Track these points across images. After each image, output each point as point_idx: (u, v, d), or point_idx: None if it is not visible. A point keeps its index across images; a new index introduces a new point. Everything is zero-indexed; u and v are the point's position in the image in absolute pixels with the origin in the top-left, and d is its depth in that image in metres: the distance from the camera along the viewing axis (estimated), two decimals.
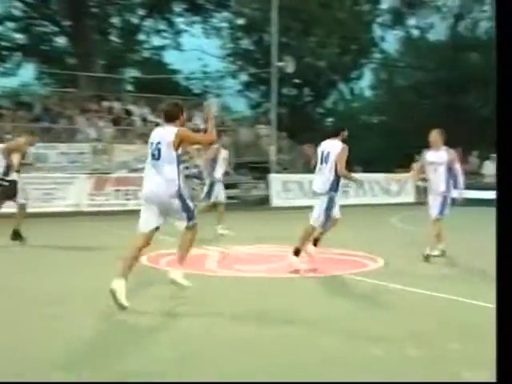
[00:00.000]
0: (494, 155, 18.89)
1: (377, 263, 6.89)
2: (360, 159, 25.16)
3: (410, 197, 18.91)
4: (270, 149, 18.47)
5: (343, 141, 6.63)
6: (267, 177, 17.16)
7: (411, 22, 31.20)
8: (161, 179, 4.80)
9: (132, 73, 28.57)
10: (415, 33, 31.86)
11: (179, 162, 4.88)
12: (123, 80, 26.81)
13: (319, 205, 6.52)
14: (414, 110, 32.55)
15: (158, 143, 4.83)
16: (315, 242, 6.77)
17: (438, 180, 7.32)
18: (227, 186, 11.11)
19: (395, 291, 5.49)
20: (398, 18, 30.73)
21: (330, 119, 36.69)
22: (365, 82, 36.78)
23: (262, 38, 27.33)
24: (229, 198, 11.34)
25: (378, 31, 30.39)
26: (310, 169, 14.08)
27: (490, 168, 18.52)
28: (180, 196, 4.86)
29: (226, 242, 8.80)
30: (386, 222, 11.96)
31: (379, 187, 18.28)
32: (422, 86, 32.49)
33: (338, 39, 25.38)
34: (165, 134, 4.87)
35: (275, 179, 17.08)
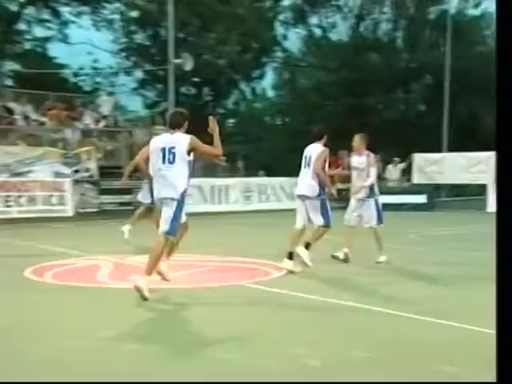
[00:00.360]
0: (397, 159, 20.12)
1: (280, 271, 7.05)
2: (263, 163, 25.76)
3: None
4: None
5: (325, 145, 7.20)
6: None
7: (313, 20, 32.48)
8: (174, 181, 5.56)
9: (12, 66, 27.25)
10: (317, 32, 33.16)
11: (190, 166, 5.77)
12: (1, 74, 25.52)
13: (313, 209, 7.08)
14: (318, 112, 33.82)
15: (173, 148, 5.59)
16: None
17: (361, 184, 7.81)
18: (121, 192, 10.94)
19: (297, 299, 5.64)
20: (300, 16, 31.83)
21: (232, 120, 37.16)
22: (267, 82, 37.67)
23: (158, 32, 27.19)
24: (123, 204, 11.20)
25: (279, 29, 31.34)
26: (211, 172, 14.20)
27: (392, 172, 19.67)
28: (179, 201, 5.60)
29: (122, 252, 8.72)
30: (290, 229, 12.24)
31: (283, 192, 18.81)
32: (325, 87, 33.84)
33: (238, 36, 25.80)
34: (178, 140, 5.64)
35: None
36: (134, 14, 27.67)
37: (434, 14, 32.29)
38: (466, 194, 23.18)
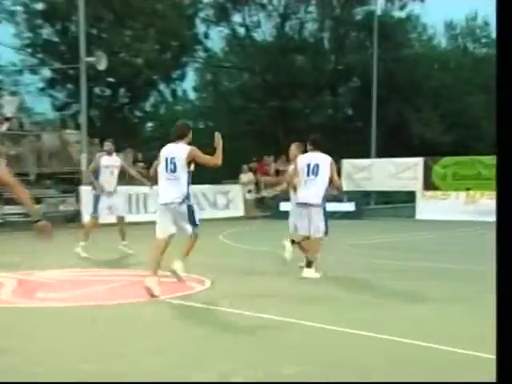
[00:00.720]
0: None
1: (204, 285, 7.08)
2: None
3: (239, 211, 19.68)
4: (80, 157, 17.98)
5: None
6: (78, 190, 16.65)
7: (236, 18, 32.69)
8: (175, 189, 6.57)
9: None
10: (241, 31, 33.42)
11: (190, 176, 6.70)
12: None
13: (315, 217, 7.69)
14: (243, 115, 34.08)
15: (173, 158, 6.58)
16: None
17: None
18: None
19: (221, 314, 5.69)
20: (222, 14, 31.98)
21: (151, 124, 36.78)
22: (188, 83, 37.56)
23: (68, 27, 26.51)
24: (27, 214, 10.85)
25: (201, 27, 31.32)
26: (128, 180, 14.00)
27: None
28: (189, 206, 6.66)
29: (32, 267, 8.42)
30: (213, 240, 12.24)
31: (206, 200, 18.78)
32: (250, 89, 34.18)
33: (156, 34, 25.58)
34: (179, 150, 6.63)
35: (87, 192, 16.63)
36: (40, 6, 26.78)
37: (361, 14, 33.36)
38: (395, 202, 23.97)
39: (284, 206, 18.21)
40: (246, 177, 20.58)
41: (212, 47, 33.17)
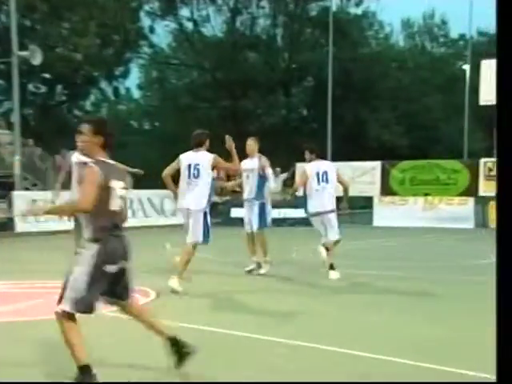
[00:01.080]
0: (279, 169, 20.53)
1: (148, 297, 6.99)
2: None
3: None
4: (13, 160, 17.51)
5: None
6: (10, 195, 16.19)
7: (184, 12, 32.52)
8: (196, 194, 7.38)
9: None
10: (189, 26, 33.27)
11: (212, 181, 7.55)
12: None
13: (332, 222, 8.67)
14: (191, 115, 33.90)
15: (197, 164, 7.37)
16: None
17: (251, 187, 8.88)
18: None
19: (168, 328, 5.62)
20: (168, 7, 31.76)
21: None
22: (132, 81, 37.20)
23: None
24: None
25: (146, 21, 31.02)
26: (67, 184, 13.70)
27: (273, 183, 20.02)
28: (205, 213, 7.38)
29: None
30: (159, 248, 12.12)
31: (152, 206, 18.53)
32: (199, 88, 34.02)
33: (97, 27, 25.17)
34: (203, 157, 7.42)
35: (20, 198, 16.18)
36: None
37: (315, 10, 33.66)
38: (352, 207, 24.15)
39: (235, 212, 18.11)
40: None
41: (158, 42, 32.99)
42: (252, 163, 8.89)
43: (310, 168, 8.67)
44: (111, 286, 3.90)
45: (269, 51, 33.21)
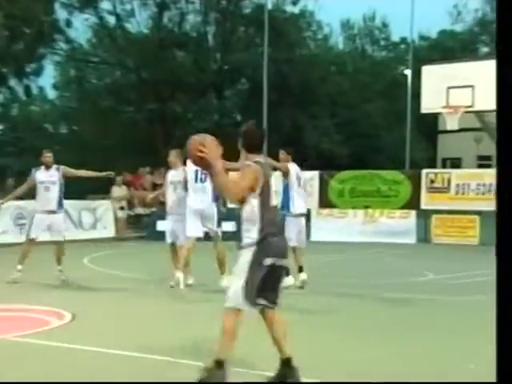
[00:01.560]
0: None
1: (63, 319, 6.98)
2: None
3: (108, 231, 18.91)
4: None
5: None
6: None
7: (105, 5, 31.76)
8: (206, 197, 9.01)
9: None
10: (111, 20, 32.58)
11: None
12: None
13: (302, 227, 9.70)
14: (114, 119, 33.24)
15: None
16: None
17: (180, 199, 9.38)
18: None
19: (80, 353, 5.59)
20: None
21: (0, 126, 35.06)
22: (47, 80, 36.19)
23: None
24: None
25: (62, 13, 30.05)
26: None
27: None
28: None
29: None
30: (77, 264, 11.92)
31: (69, 217, 17.75)
32: (123, 89, 33.38)
33: (4, 18, 24.28)
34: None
35: None
36: None
37: (250, 8, 33.62)
38: None
39: (161, 226, 17.78)
40: (119, 191, 19.81)
41: (76, 38, 32.01)
42: (177, 174, 9.56)
43: (293, 168, 9.82)
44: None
45: (199, 50, 32.92)
